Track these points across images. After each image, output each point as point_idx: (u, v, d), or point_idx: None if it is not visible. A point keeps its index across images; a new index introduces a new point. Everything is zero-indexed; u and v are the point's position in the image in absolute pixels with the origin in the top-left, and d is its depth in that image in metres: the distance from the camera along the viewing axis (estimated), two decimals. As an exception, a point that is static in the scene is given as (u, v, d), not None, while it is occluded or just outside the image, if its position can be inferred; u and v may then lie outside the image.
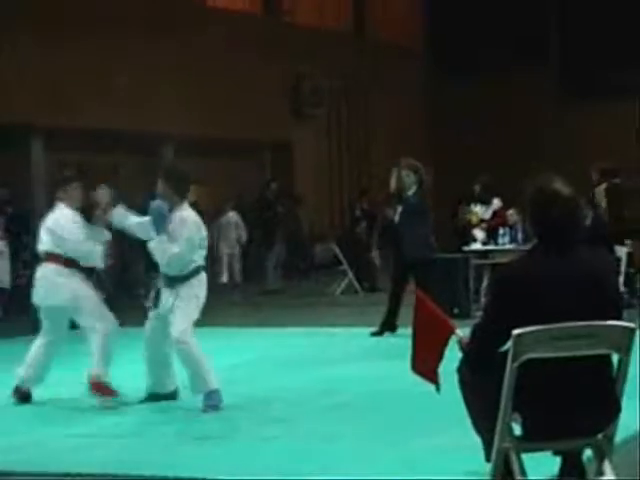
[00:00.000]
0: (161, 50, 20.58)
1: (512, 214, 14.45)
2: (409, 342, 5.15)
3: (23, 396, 8.56)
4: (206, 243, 8.22)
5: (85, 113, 19.01)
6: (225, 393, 8.15)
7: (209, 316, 14.82)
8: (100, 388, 8.28)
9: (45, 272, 8.48)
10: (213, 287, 17.21)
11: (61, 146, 19.37)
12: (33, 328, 9.40)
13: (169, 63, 20.74)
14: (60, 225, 8.44)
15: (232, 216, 19.90)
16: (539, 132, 25.97)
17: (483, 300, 13.63)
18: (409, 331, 5.20)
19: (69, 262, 8.41)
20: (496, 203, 16.72)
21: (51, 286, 8.42)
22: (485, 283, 14.28)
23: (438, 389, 4.91)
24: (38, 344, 8.70)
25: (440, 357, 4.75)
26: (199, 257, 8.12)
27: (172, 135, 21.29)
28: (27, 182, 19.10)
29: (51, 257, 8.44)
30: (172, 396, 8.29)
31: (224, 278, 19.79)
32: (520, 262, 4.41)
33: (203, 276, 8.14)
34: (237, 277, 19.97)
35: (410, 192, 11.68)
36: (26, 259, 17.91)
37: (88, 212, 8.80)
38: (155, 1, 21.19)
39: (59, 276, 8.41)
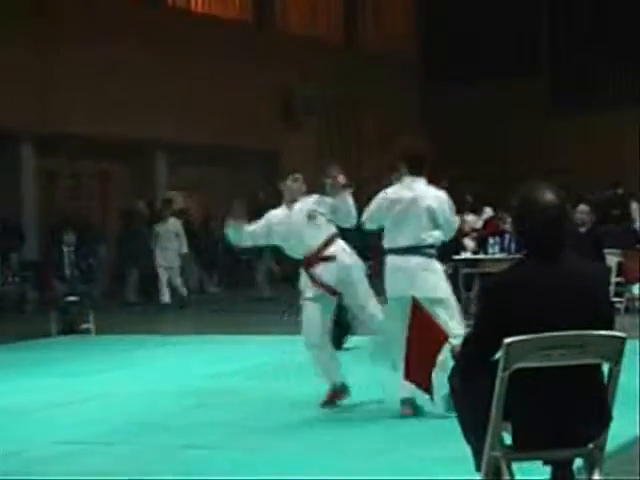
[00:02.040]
0: (153, 58, 20.59)
1: (507, 222, 14.45)
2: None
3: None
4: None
5: (76, 120, 19.00)
6: (218, 401, 8.12)
7: (197, 324, 14.93)
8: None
9: None
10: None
11: (51, 153, 19.35)
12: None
13: (161, 71, 20.76)
14: None
15: (172, 224, 18.07)
16: (532, 143, 26.01)
17: (473, 309, 13.64)
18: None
19: None
20: (488, 212, 16.76)
21: None
22: (475, 292, 14.28)
23: (432, 398, 4.91)
24: None
25: (433, 366, 4.75)
26: None
27: (163, 143, 21.30)
28: (16, 188, 19.08)
29: None
30: None
31: (166, 298, 17.82)
32: (509, 271, 4.41)
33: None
34: (182, 292, 18.15)
35: None
36: (14, 265, 17.91)
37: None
38: (148, 9, 21.20)
39: None
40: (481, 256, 14.76)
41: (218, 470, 6.25)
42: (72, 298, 14.25)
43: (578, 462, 4.42)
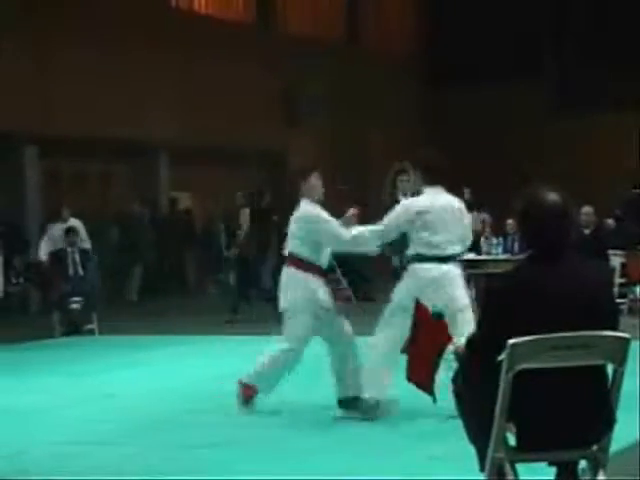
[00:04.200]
0: (155, 59, 20.60)
1: (510, 224, 14.45)
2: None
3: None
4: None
5: (79, 121, 19.01)
6: (222, 401, 8.13)
7: (200, 324, 14.92)
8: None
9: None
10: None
11: (55, 154, 19.36)
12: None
13: (164, 72, 20.77)
14: None
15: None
16: (536, 143, 25.97)
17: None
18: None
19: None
20: (481, 214, 16.74)
21: None
22: (474, 292, 14.22)
23: (434, 399, 4.91)
24: None
25: (435, 367, 4.76)
26: None
27: (166, 143, 21.30)
28: (20, 190, 19.08)
29: None
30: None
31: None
32: (513, 272, 4.42)
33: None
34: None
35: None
36: (18, 267, 17.91)
37: None
38: (150, 10, 21.20)
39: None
40: (484, 257, 14.74)
41: (223, 470, 6.25)
42: (75, 299, 14.25)
43: (583, 463, 4.42)
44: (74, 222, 15.56)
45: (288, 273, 7.91)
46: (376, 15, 27.34)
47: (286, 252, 7.99)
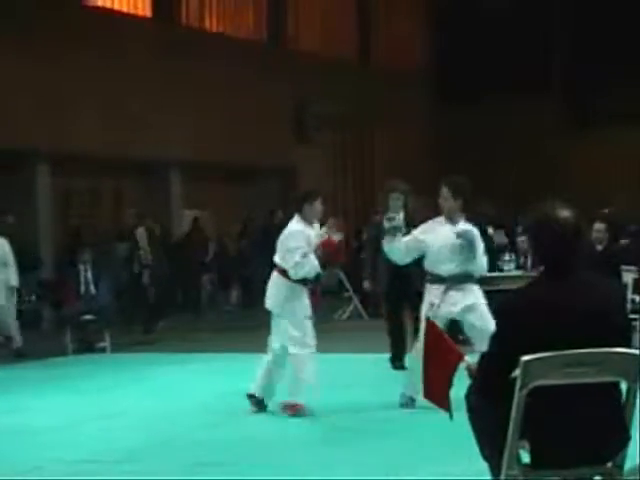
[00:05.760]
0: (166, 75, 20.68)
1: (523, 241, 14.39)
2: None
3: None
4: None
5: (91, 139, 19.08)
6: (234, 419, 8.12)
7: (216, 341, 14.93)
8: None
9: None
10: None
11: (66, 172, 19.42)
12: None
13: (174, 88, 20.83)
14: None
15: None
16: (542, 161, 25.98)
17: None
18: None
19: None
20: (490, 231, 16.69)
21: None
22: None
23: (451, 416, 4.90)
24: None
25: (449, 384, 4.75)
26: None
27: (177, 160, 21.35)
28: (32, 207, 19.13)
29: None
30: None
31: None
32: (525, 290, 4.42)
33: None
34: (16, 339, 14.01)
35: None
36: (32, 284, 17.92)
37: None
38: (160, 27, 21.30)
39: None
40: (496, 274, 14.68)
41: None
42: (88, 317, 14.28)
43: (597, 480, 4.41)
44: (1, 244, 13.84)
45: (282, 280, 8.59)
46: (386, 33, 27.41)
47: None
